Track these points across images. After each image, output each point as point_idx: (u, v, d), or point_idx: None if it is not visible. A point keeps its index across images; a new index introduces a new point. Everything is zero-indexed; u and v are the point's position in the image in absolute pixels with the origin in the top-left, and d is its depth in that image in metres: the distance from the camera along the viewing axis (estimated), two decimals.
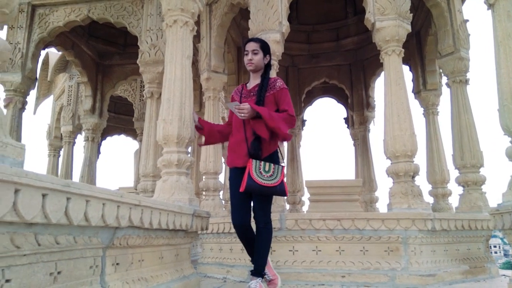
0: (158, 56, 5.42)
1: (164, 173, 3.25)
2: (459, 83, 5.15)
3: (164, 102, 3.48)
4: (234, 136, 2.87)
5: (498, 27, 3.36)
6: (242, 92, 2.92)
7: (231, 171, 2.85)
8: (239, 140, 2.79)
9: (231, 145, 2.88)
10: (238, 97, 2.92)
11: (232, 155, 2.84)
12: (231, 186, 2.81)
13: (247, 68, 2.90)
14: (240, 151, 2.75)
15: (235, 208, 2.75)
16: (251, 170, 2.59)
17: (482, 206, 4.61)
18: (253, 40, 2.92)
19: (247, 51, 2.86)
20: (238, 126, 2.83)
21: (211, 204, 5.05)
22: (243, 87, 2.97)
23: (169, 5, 3.64)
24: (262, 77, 2.90)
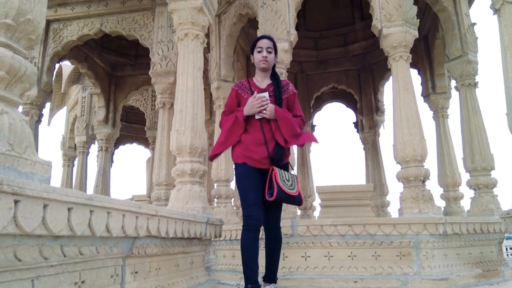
0: (169, 67, 5.54)
1: (178, 182, 3.34)
2: (468, 86, 5.16)
3: (176, 113, 3.58)
4: (250, 133, 2.60)
5: (504, 32, 3.41)
6: (252, 90, 2.68)
7: (246, 167, 2.58)
8: (257, 141, 2.57)
9: (247, 143, 2.59)
10: (247, 95, 2.68)
11: (247, 152, 2.58)
12: (247, 180, 2.56)
13: (260, 66, 2.69)
14: (259, 152, 2.54)
15: (255, 203, 2.50)
16: (278, 179, 2.44)
17: (494, 209, 4.60)
18: (267, 38, 2.74)
19: (260, 47, 2.67)
20: (253, 123, 2.61)
21: (223, 211, 5.13)
22: (251, 84, 2.72)
23: (180, 19, 3.76)
24: (274, 78, 2.75)
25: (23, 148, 1.38)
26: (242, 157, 2.60)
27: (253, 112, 2.54)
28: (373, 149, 8.17)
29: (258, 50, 2.68)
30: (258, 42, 2.71)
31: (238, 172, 2.62)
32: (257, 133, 2.58)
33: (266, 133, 2.56)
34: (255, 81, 2.76)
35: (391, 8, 4.44)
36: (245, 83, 2.74)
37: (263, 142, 2.55)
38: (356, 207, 5.20)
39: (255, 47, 2.70)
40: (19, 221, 1.19)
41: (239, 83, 2.77)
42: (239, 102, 2.70)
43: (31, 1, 1.47)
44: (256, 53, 2.70)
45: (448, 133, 6.05)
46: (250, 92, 2.66)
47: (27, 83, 1.47)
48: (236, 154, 2.64)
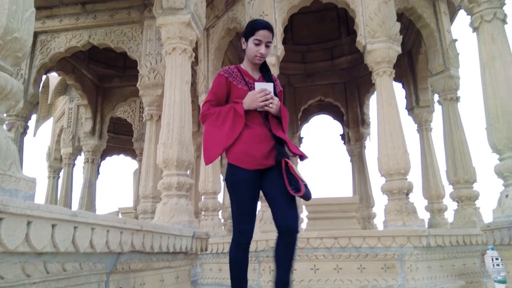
0: (157, 80, 5.55)
1: (164, 196, 3.35)
2: (450, 101, 5.30)
3: (164, 126, 3.60)
4: (252, 129, 2.22)
5: (483, 49, 3.52)
6: (245, 80, 2.31)
7: (244, 173, 2.18)
8: (259, 137, 2.21)
9: (248, 139, 2.20)
10: (240, 84, 2.29)
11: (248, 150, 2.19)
12: (244, 189, 2.18)
13: (253, 61, 2.31)
14: (261, 149, 2.18)
15: (249, 219, 2.19)
16: (295, 171, 2.12)
17: (476, 221, 4.69)
18: (268, 28, 2.29)
19: (259, 40, 2.25)
20: (253, 117, 2.24)
21: (210, 224, 5.12)
22: (243, 72, 2.35)
23: (168, 34, 3.80)
24: (265, 70, 2.41)
25: (7, 165, 1.39)
26: (240, 158, 2.19)
27: (255, 106, 2.19)
28: (359, 161, 8.28)
29: (255, 42, 2.26)
30: (257, 31, 2.26)
31: (234, 178, 2.20)
32: (260, 128, 2.22)
33: (270, 129, 2.23)
34: (246, 69, 2.37)
35: (375, 24, 4.56)
36: (235, 71, 2.33)
37: (266, 138, 2.21)
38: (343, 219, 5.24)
39: (252, 35, 2.27)
40: (2, 238, 1.20)
41: (228, 69, 2.33)
42: (229, 91, 2.28)
43: (19, 20, 1.49)
44: (253, 44, 2.27)
45: (431, 146, 6.17)
46: (243, 82, 2.29)
47: (13, 101, 1.49)
48: (233, 153, 2.21)
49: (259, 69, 2.42)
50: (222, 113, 2.23)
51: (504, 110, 3.23)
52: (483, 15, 3.47)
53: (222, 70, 2.34)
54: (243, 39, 2.35)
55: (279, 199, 2.15)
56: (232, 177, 2.22)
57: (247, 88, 2.27)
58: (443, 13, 5.58)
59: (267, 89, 2.20)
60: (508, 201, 3.11)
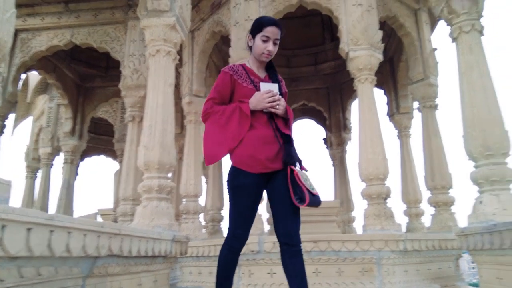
0: (140, 81, 5.50)
1: (144, 199, 3.32)
2: (429, 108, 5.43)
3: (145, 128, 3.58)
4: (257, 129, 2.13)
5: (461, 59, 3.63)
6: (252, 80, 2.22)
7: (248, 177, 2.09)
8: (265, 138, 2.12)
9: (253, 140, 2.11)
10: (245, 83, 2.21)
11: (253, 152, 2.08)
12: (246, 195, 2.10)
13: (260, 58, 2.22)
14: (266, 151, 2.09)
15: (246, 225, 2.11)
16: (302, 180, 2.04)
17: (452, 226, 4.81)
18: (277, 25, 2.22)
19: (267, 37, 2.17)
20: (259, 118, 2.15)
21: (191, 227, 5.10)
22: (248, 71, 2.26)
23: (152, 36, 3.79)
24: (272, 70, 2.33)
25: None
26: (245, 161, 2.09)
27: (261, 107, 2.11)
28: (341, 166, 8.38)
29: (263, 39, 2.18)
30: (266, 27, 2.18)
31: (237, 181, 2.11)
32: (265, 129, 2.13)
33: (275, 130, 2.14)
34: (251, 68, 2.29)
35: (357, 32, 4.64)
36: (240, 69, 2.24)
37: (272, 139, 2.11)
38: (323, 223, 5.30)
39: (260, 31, 2.19)
40: None
41: (233, 67, 2.24)
42: (234, 89, 2.20)
43: None
44: (260, 40, 2.19)
45: (410, 152, 6.30)
46: (249, 80, 2.20)
47: None
48: (237, 156, 2.11)
49: (265, 68, 2.32)
50: (226, 112, 2.13)
51: (480, 119, 3.34)
52: (462, 26, 3.58)
53: (226, 68, 2.24)
54: (249, 35, 2.27)
55: (281, 209, 2.08)
56: (234, 180, 2.12)
57: (253, 87, 2.17)
58: (424, 23, 5.72)
59: (273, 90, 2.13)
60: (482, 208, 3.20)
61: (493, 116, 3.30)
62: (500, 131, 3.28)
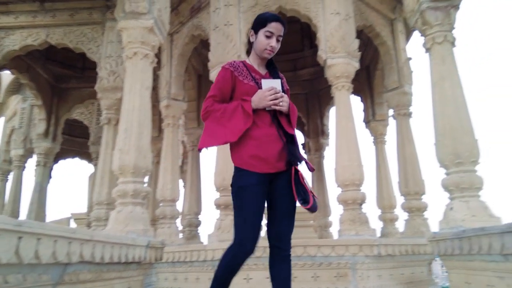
0: (117, 83, 5.42)
1: (118, 204, 3.26)
2: (403, 116, 5.58)
3: (121, 132, 3.52)
4: (260, 128, 2.06)
5: (433, 69, 3.74)
6: (254, 76, 2.14)
7: (254, 178, 2.00)
8: (269, 136, 2.05)
9: (259, 138, 2.04)
10: (247, 79, 2.13)
11: (258, 151, 2.02)
12: (254, 197, 1.98)
13: (262, 55, 2.15)
14: (270, 150, 2.02)
15: (255, 228, 1.96)
16: (306, 181, 2.03)
17: (424, 231, 4.93)
18: (282, 22, 2.15)
19: (271, 33, 2.10)
20: (262, 116, 2.07)
21: (167, 232, 5.03)
22: (249, 68, 2.18)
23: (129, 38, 3.74)
24: (272, 67, 2.26)
25: None
26: (250, 161, 2.01)
27: (264, 105, 2.04)
28: (318, 171, 8.47)
29: (267, 35, 2.11)
30: (270, 23, 2.12)
31: (244, 183, 2.00)
32: (269, 128, 2.07)
33: (278, 129, 2.07)
34: (252, 64, 2.20)
35: (335, 40, 4.73)
36: (241, 65, 2.16)
37: (276, 138, 2.05)
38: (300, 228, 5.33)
39: (264, 27, 2.12)
40: None
41: (233, 63, 2.15)
42: (234, 86, 2.12)
43: None
44: (263, 36, 2.11)
45: (385, 159, 6.44)
46: (250, 77, 2.12)
47: None
48: (242, 157, 2.04)
49: (266, 65, 2.25)
50: (228, 110, 2.05)
51: (451, 128, 3.44)
52: (435, 37, 3.68)
53: (227, 64, 2.15)
54: (252, 31, 2.18)
55: (279, 211, 2.03)
56: (239, 182, 2.01)
57: (254, 84, 2.09)
58: (400, 32, 5.87)
59: (276, 87, 2.05)
60: (453, 214, 3.29)
61: (463, 125, 3.41)
62: (470, 140, 3.39)
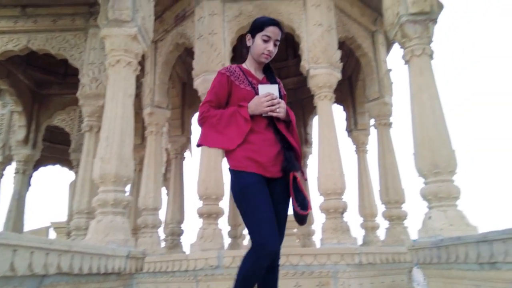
0: (99, 90, 5.36)
1: (99, 213, 3.22)
2: (383, 126, 5.69)
3: (102, 140, 3.49)
4: (258, 133, 2.03)
5: (412, 81, 3.84)
6: (250, 81, 2.11)
7: (255, 176, 1.96)
8: (268, 141, 2.02)
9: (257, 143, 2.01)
10: (243, 84, 2.10)
11: (256, 155, 1.98)
12: (259, 194, 1.92)
13: (259, 59, 2.12)
14: (267, 155, 1.99)
15: (272, 225, 1.86)
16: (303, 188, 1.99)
17: (404, 239, 5.02)
18: (279, 26, 2.13)
19: (268, 37, 2.08)
20: (258, 121, 2.04)
21: (148, 242, 4.97)
22: (246, 72, 2.15)
23: (112, 45, 3.73)
24: (269, 72, 2.24)
25: None
26: (244, 163, 1.97)
27: (260, 111, 2.00)
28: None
29: (264, 39, 2.09)
30: (267, 27, 2.09)
31: (245, 182, 1.94)
32: (265, 133, 2.04)
33: (275, 134, 2.05)
34: (249, 69, 2.18)
35: (318, 51, 4.80)
36: (237, 70, 2.13)
37: (272, 142, 2.02)
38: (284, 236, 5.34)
39: (261, 30, 2.10)
40: None
41: (229, 68, 2.13)
42: (231, 91, 2.09)
43: None
44: (261, 40, 2.09)
45: (367, 167, 6.54)
46: (247, 82, 2.09)
47: None
48: (236, 159, 2.00)
49: (263, 70, 2.23)
50: (224, 116, 2.02)
51: (429, 139, 3.53)
52: (414, 50, 3.78)
53: (223, 69, 2.12)
54: (249, 35, 2.16)
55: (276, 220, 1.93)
56: (240, 183, 1.95)
57: (251, 89, 2.06)
58: (381, 44, 6.01)
59: (273, 93, 2.02)
60: (431, 223, 3.36)
61: (441, 136, 3.50)
62: (448, 150, 3.48)
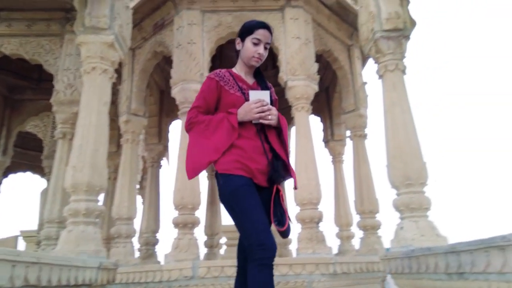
0: (74, 96, 5.25)
1: (70, 223, 3.15)
2: (359, 137, 5.81)
3: (75, 148, 3.43)
4: (248, 139, 1.95)
5: (385, 95, 3.94)
6: (240, 86, 2.05)
7: (244, 179, 1.88)
8: (257, 149, 1.94)
9: (246, 148, 1.93)
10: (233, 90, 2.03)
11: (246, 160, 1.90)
12: (251, 196, 1.84)
13: (250, 63, 2.08)
14: (259, 163, 1.92)
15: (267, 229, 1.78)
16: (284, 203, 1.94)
17: (378, 249, 5.11)
18: (268, 29, 2.09)
19: (258, 40, 2.04)
20: (247, 128, 1.97)
21: (122, 252, 4.86)
22: (236, 77, 2.10)
23: (88, 52, 3.69)
24: (260, 77, 2.18)
25: None
26: (234, 165, 1.88)
27: (250, 118, 1.94)
28: None
29: (254, 42, 2.05)
30: (257, 30, 2.05)
31: (235, 185, 1.85)
32: (254, 140, 1.96)
33: (264, 141, 1.97)
34: (239, 74, 2.13)
35: (295, 63, 4.88)
36: (227, 75, 2.07)
37: (260, 152, 1.94)
38: None
39: (251, 34, 2.06)
40: None
41: (218, 73, 2.07)
42: (220, 97, 2.03)
43: None
44: (251, 43, 2.05)
45: (343, 178, 6.64)
46: (237, 87, 2.03)
47: None
48: (224, 163, 1.90)
49: (253, 75, 2.18)
50: (212, 122, 1.96)
51: (401, 151, 3.62)
52: (387, 65, 3.89)
53: (212, 73, 2.07)
54: (238, 39, 2.12)
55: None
56: (230, 186, 1.86)
57: (241, 94, 2.01)
58: (356, 58, 6.16)
59: (264, 100, 1.94)
60: (403, 233, 3.44)
61: (413, 149, 3.60)
62: (419, 163, 3.58)
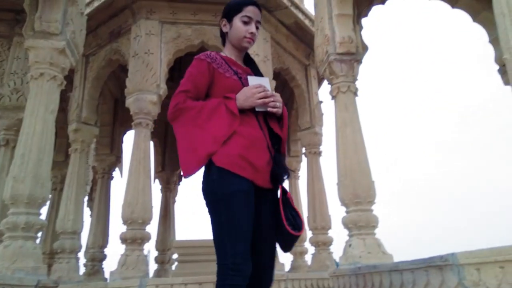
0: (20, 102, 4.97)
1: (7, 237, 2.94)
2: (313, 154, 5.94)
3: (17, 157, 3.23)
4: (250, 126, 1.65)
5: (338, 115, 4.07)
6: (235, 70, 1.76)
7: (243, 182, 1.56)
8: (259, 141, 1.65)
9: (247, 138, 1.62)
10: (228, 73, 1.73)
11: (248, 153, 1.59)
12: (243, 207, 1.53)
13: (241, 44, 1.81)
14: (262, 158, 1.62)
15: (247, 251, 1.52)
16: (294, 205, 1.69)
17: (329, 265, 5.20)
18: (258, 6, 1.84)
19: (248, 18, 1.78)
20: (247, 116, 1.67)
21: (65, 268, 4.58)
22: (228, 61, 1.79)
23: (37, 58, 3.53)
24: (250, 62, 1.92)
25: None
26: (235, 161, 1.57)
27: (251, 104, 1.64)
28: None
29: (244, 20, 1.78)
30: (246, 7, 1.79)
31: (233, 188, 1.54)
32: (255, 128, 1.66)
33: (266, 132, 1.68)
34: (231, 58, 1.84)
35: None
36: (218, 57, 1.76)
37: (262, 145, 1.64)
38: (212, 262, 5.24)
39: (239, 12, 1.80)
40: None
41: (209, 54, 1.76)
42: (213, 81, 1.72)
43: None
44: (240, 22, 1.78)
45: (298, 193, 6.75)
46: (231, 71, 1.74)
47: None
48: (225, 155, 1.58)
49: (244, 61, 1.90)
50: (206, 108, 1.64)
51: (351, 170, 3.74)
52: (340, 86, 4.02)
53: (202, 55, 1.76)
54: (224, 20, 1.85)
55: (262, 249, 1.63)
56: (224, 187, 1.54)
57: (237, 78, 1.72)
58: (313, 77, 6.35)
59: (264, 85, 1.69)
60: (351, 251, 3.52)
61: (362, 168, 3.73)
62: (368, 181, 3.71)
